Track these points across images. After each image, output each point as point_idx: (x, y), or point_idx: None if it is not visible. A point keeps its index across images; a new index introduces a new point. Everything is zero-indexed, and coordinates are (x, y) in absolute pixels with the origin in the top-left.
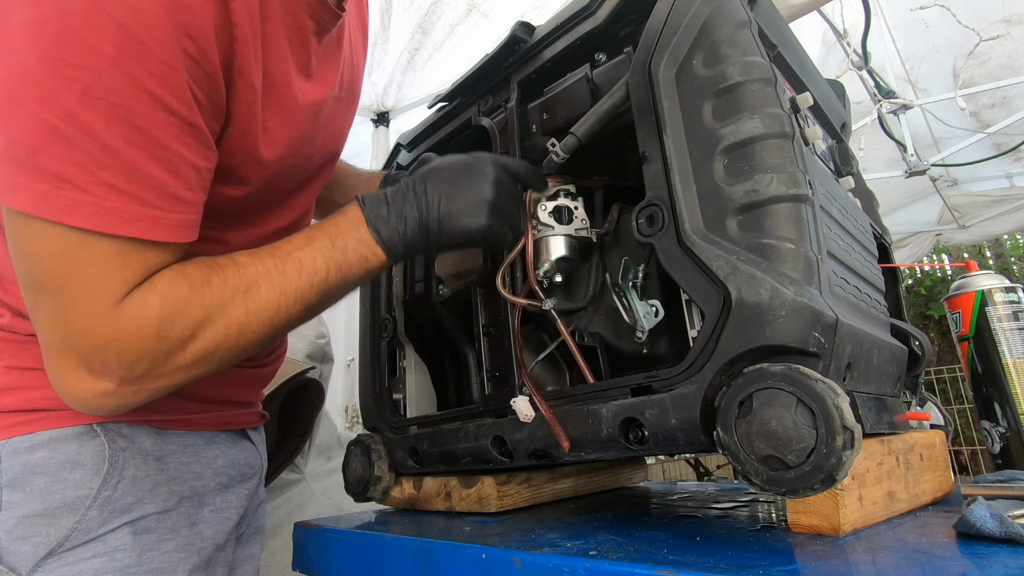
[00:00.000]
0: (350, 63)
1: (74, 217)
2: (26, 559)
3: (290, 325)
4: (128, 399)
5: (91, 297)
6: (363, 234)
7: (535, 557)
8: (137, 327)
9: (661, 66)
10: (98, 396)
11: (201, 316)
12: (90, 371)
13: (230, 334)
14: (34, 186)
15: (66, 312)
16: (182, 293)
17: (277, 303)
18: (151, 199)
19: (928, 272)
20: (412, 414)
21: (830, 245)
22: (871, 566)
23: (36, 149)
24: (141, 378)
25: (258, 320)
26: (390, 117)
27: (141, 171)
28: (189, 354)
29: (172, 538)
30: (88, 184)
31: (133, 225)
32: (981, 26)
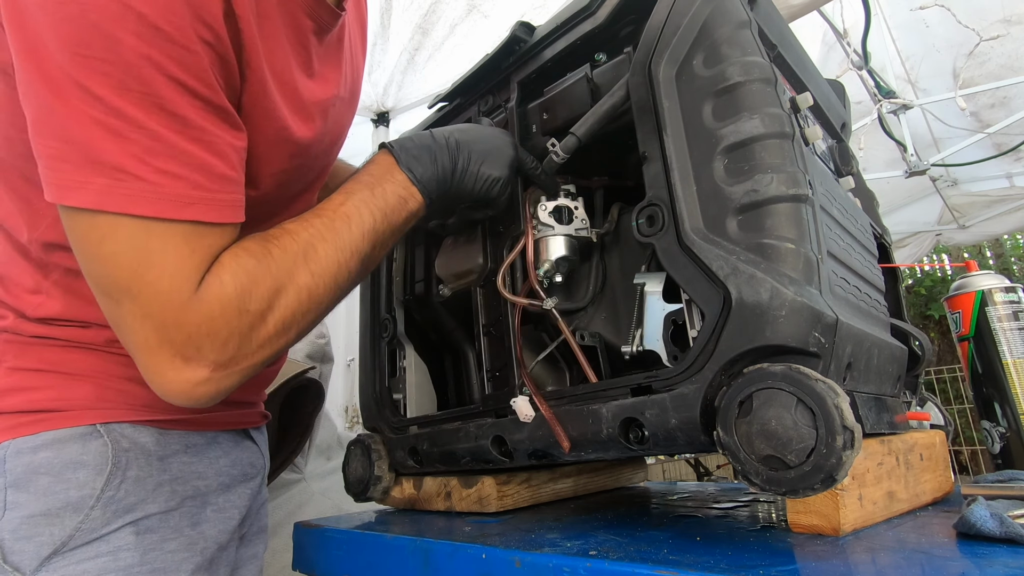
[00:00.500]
0: (351, 63)
1: (139, 206)
2: (30, 559)
3: (352, 281)
4: (225, 383)
5: (172, 287)
6: (398, 176)
7: (535, 557)
8: (221, 307)
9: (661, 66)
10: (197, 385)
11: (273, 285)
12: (185, 360)
13: (301, 299)
14: (95, 181)
15: (151, 307)
16: (250, 265)
17: (336, 260)
18: (203, 182)
19: (928, 272)
20: (412, 414)
21: (830, 245)
22: (871, 566)
23: (89, 145)
24: (232, 359)
25: (323, 281)
26: (390, 117)
27: (190, 155)
28: (271, 326)
29: (175, 538)
30: (145, 173)
31: (193, 208)
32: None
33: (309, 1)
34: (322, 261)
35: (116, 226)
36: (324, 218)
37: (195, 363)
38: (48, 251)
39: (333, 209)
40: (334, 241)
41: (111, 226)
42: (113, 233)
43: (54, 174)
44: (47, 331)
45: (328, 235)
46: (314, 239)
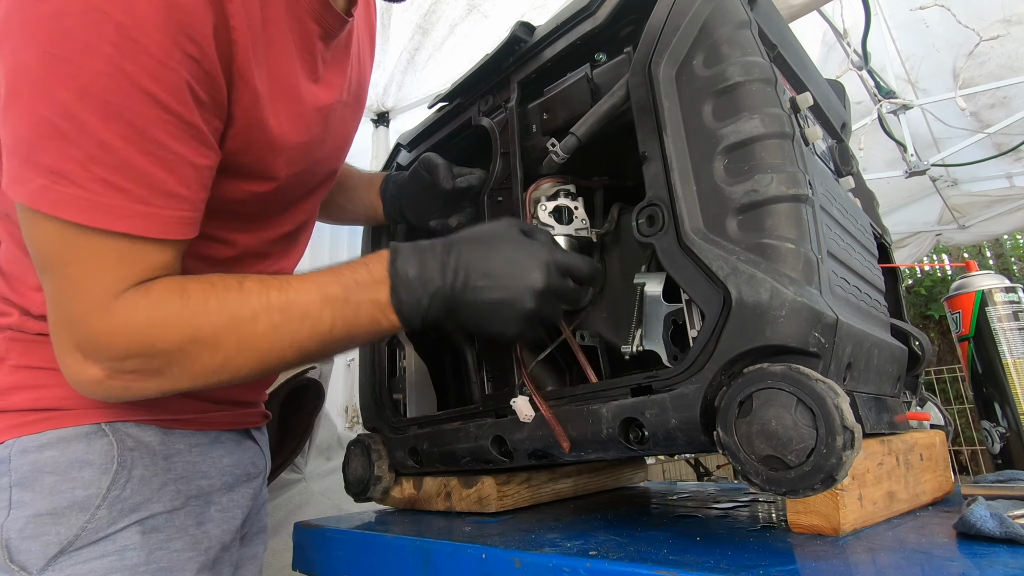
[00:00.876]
0: (357, 69)
1: (69, 211)
2: (36, 558)
3: (283, 366)
4: (116, 392)
5: (88, 288)
6: (382, 297)
7: (535, 557)
8: (124, 327)
9: (661, 66)
10: (88, 381)
11: (190, 333)
12: (83, 355)
13: (215, 360)
14: (34, 180)
15: (65, 297)
16: (173, 306)
17: (271, 343)
18: (145, 196)
19: (928, 272)
20: (412, 414)
21: (830, 245)
22: (871, 566)
23: (35, 144)
24: (128, 375)
25: (247, 355)
26: (390, 117)
27: (136, 168)
28: (175, 368)
29: (180, 537)
30: (83, 180)
31: (127, 221)
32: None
33: (316, 7)
34: (257, 336)
35: (47, 224)
36: (285, 296)
37: (91, 361)
38: None
39: (297, 291)
40: (279, 325)
41: (44, 223)
42: (44, 228)
43: (6, 164)
44: None
45: (276, 316)
46: (260, 312)
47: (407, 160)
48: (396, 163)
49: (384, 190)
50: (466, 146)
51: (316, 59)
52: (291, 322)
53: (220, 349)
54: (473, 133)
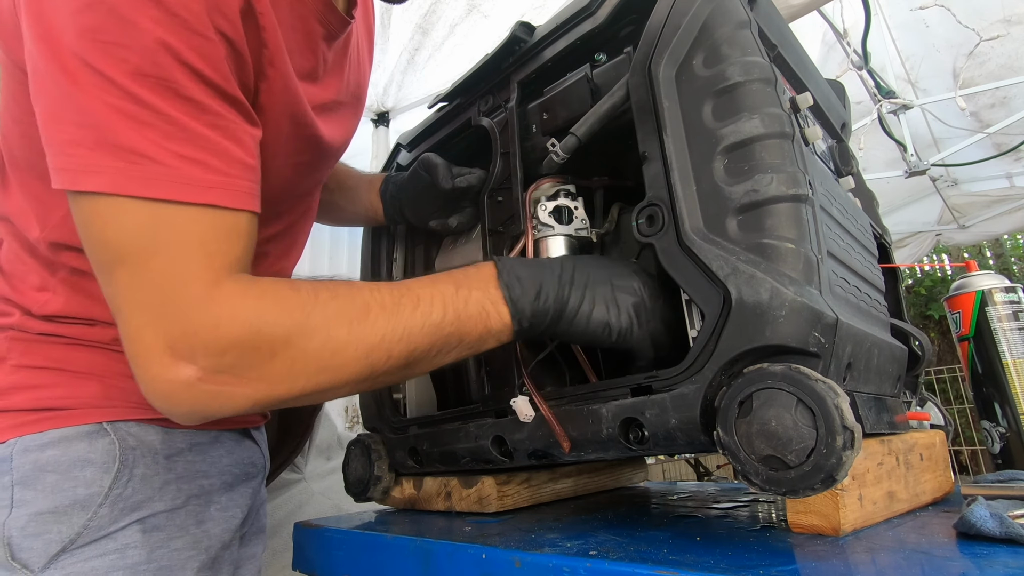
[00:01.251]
0: (356, 70)
1: (155, 189)
2: (39, 556)
3: (387, 369)
4: (203, 400)
5: (181, 277)
6: (491, 290)
7: (535, 557)
8: (231, 316)
9: (661, 66)
10: (177, 386)
11: (300, 321)
12: (174, 355)
13: (323, 353)
14: (110, 164)
15: (154, 288)
16: (283, 293)
17: (381, 334)
18: (222, 167)
19: (928, 272)
20: (412, 414)
21: (830, 245)
22: (871, 566)
23: (105, 129)
24: (224, 373)
25: (355, 347)
26: (390, 117)
27: (207, 139)
28: (277, 363)
29: (181, 536)
30: (162, 157)
31: (212, 192)
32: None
33: (320, 7)
34: (367, 329)
35: (130, 208)
36: (395, 290)
37: (184, 363)
38: (55, 251)
39: (408, 287)
40: (393, 314)
41: (125, 208)
42: (125, 214)
43: (66, 159)
44: (53, 328)
45: (389, 302)
46: (372, 303)
47: (407, 160)
48: (396, 163)
49: (384, 191)
50: (466, 146)
51: (318, 59)
52: (402, 309)
53: (329, 340)
54: (473, 133)
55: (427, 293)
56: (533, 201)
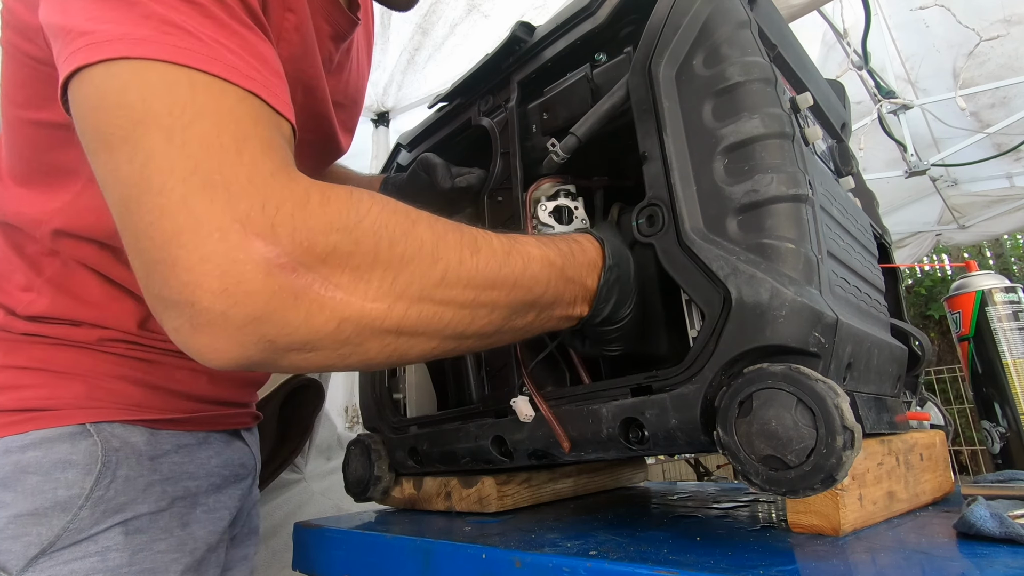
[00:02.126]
0: (356, 72)
1: (193, 59)
2: (17, 559)
3: (484, 325)
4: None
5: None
6: (590, 283)
7: (535, 557)
8: (323, 195)
9: (661, 66)
10: (252, 270)
11: (405, 223)
12: (247, 228)
13: (433, 274)
14: (138, 31)
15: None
16: (380, 198)
17: (491, 278)
18: (260, 68)
19: (928, 272)
20: (412, 414)
21: (830, 245)
22: (871, 566)
23: (135, 4)
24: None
25: (465, 280)
26: (390, 117)
27: (243, 38)
28: (380, 267)
29: (164, 538)
30: (200, 33)
31: (254, 83)
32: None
33: (328, 7)
34: (481, 265)
35: (157, 73)
36: (505, 239)
37: (262, 241)
38: (56, 239)
39: (518, 240)
40: (502, 264)
41: (149, 72)
42: (151, 77)
43: (80, 38)
44: (37, 329)
45: (499, 251)
46: (481, 240)
47: (407, 160)
48: (396, 163)
49: (383, 192)
50: (466, 146)
51: (324, 58)
52: (513, 266)
53: (439, 260)
54: (473, 133)
55: (538, 257)
56: (533, 201)
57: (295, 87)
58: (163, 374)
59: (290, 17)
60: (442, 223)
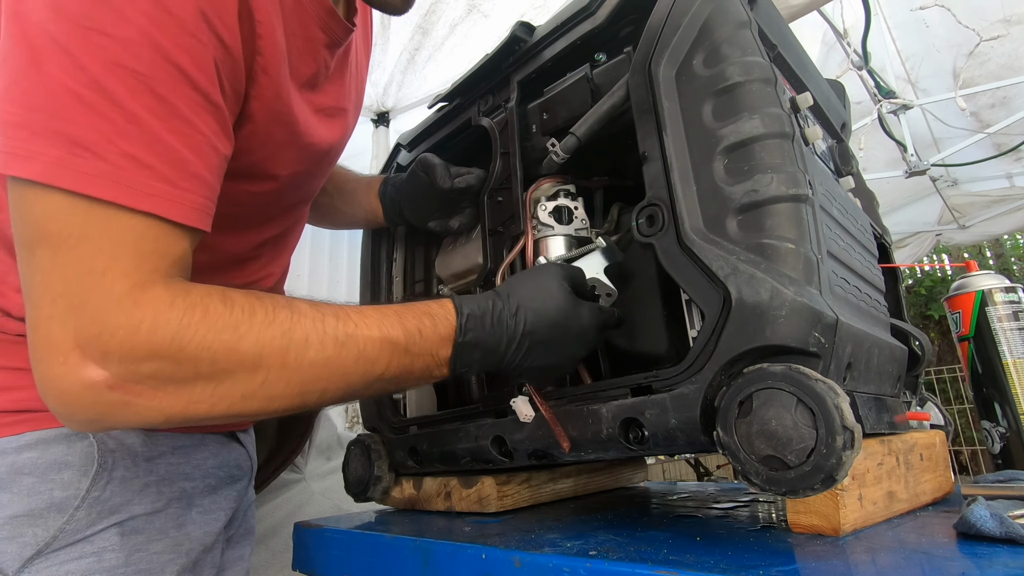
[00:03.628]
0: (356, 76)
1: (90, 186)
2: (12, 559)
3: (319, 403)
4: (109, 409)
5: (107, 275)
6: (443, 354)
7: (535, 557)
8: (155, 320)
9: (661, 66)
10: (81, 388)
11: (230, 343)
12: (85, 355)
13: (251, 382)
14: (49, 152)
15: (73, 281)
16: (215, 309)
17: (318, 375)
18: (172, 175)
19: (928, 272)
20: (412, 414)
21: (830, 245)
22: (871, 566)
23: (55, 114)
24: (139, 386)
25: (287, 382)
26: (390, 117)
27: (164, 144)
28: (200, 384)
29: (160, 539)
30: (108, 153)
31: (152, 200)
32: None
33: (323, 14)
34: (304, 367)
35: (57, 200)
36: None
37: (93, 364)
38: None
39: (356, 325)
40: (334, 359)
41: (51, 199)
42: (53, 204)
43: (7, 141)
44: None
45: (331, 349)
46: (313, 339)
47: (407, 160)
48: (396, 163)
49: (383, 193)
50: (466, 146)
51: (318, 66)
52: (345, 358)
53: (260, 369)
54: (473, 133)
55: (374, 345)
56: (533, 201)
57: (273, 127)
58: None
59: (258, 60)
60: (274, 326)
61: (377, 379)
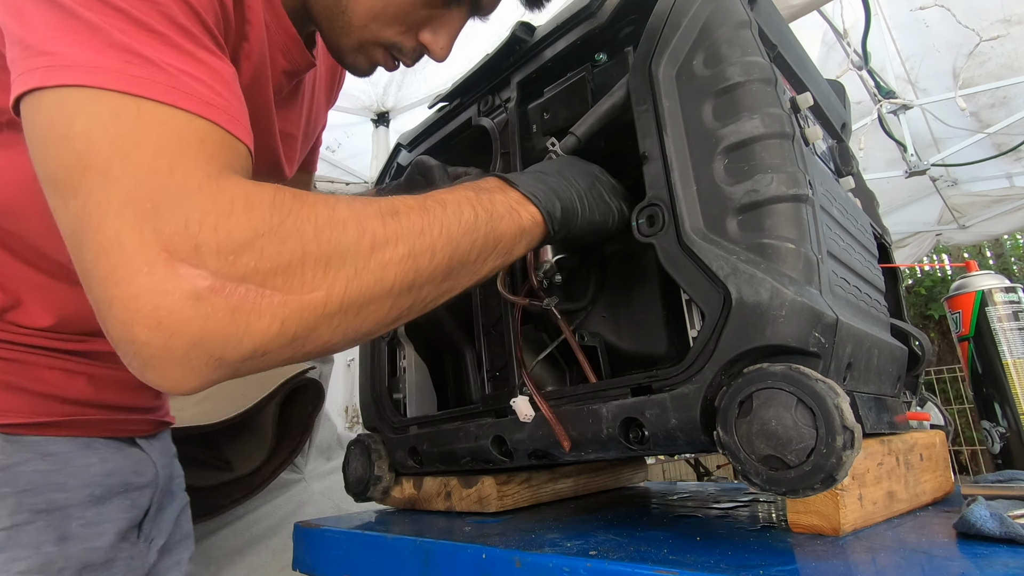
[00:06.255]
0: (308, 106)
1: (147, 89)
2: None
3: (431, 274)
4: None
5: (172, 169)
6: (511, 192)
7: (535, 557)
8: (246, 200)
9: (661, 66)
10: (183, 302)
11: (327, 213)
12: (172, 256)
13: (361, 248)
14: (95, 59)
15: (139, 180)
16: (300, 192)
17: (420, 227)
18: (221, 90)
19: (928, 272)
20: (412, 414)
21: (830, 245)
22: (871, 566)
23: (95, 27)
24: (243, 280)
25: (395, 243)
26: (390, 117)
27: (207, 65)
28: (310, 262)
29: (26, 557)
30: (162, 62)
31: (213, 110)
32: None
33: (287, 41)
34: (403, 222)
35: (107, 103)
36: (411, 196)
37: (188, 266)
38: None
39: (423, 195)
40: (423, 212)
41: (98, 103)
42: (99, 109)
43: (36, 59)
44: None
45: (416, 208)
46: (398, 203)
47: (407, 160)
48: (396, 163)
49: None
50: (466, 146)
51: (276, 88)
52: (432, 209)
53: (365, 232)
54: (473, 133)
55: (451, 196)
56: None
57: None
58: (29, 374)
59: (244, 45)
60: (359, 200)
61: (473, 228)
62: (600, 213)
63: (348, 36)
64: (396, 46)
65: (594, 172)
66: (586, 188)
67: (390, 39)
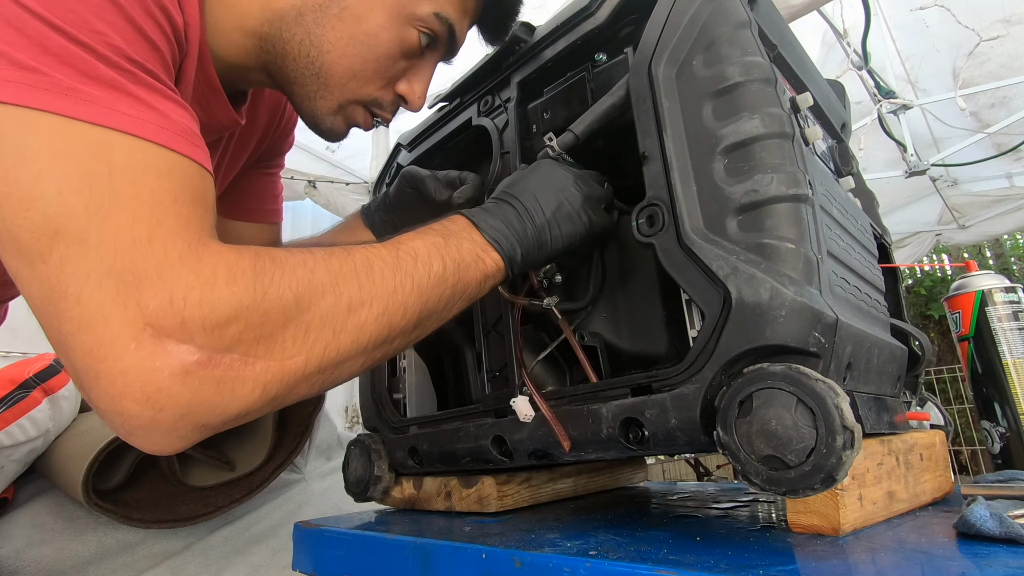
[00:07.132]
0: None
1: (107, 117)
2: None
3: (404, 326)
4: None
5: (157, 230)
6: (476, 237)
7: (535, 557)
8: (228, 272)
9: (661, 66)
10: (171, 378)
11: (306, 278)
12: (158, 333)
13: (338, 312)
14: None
15: (118, 250)
16: (276, 253)
17: (393, 286)
18: (178, 119)
19: (928, 272)
20: (412, 414)
21: (830, 245)
22: (871, 566)
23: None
24: (228, 351)
25: (370, 304)
26: None
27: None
28: (290, 330)
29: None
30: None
31: (174, 140)
32: (981, 26)
33: (207, 92)
34: (376, 280)
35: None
36: (386, 247)
37: (175, 343)
38: None
39: (398, 240)
40: (396, 267)
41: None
42: (59, 148)
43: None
44: None
45: (389, 261)
46: (372, 258)
47: (407, 160)
48: (396, 163)
49: (370, 220)
50: (466, 146)
51: None
52: (405, 266)
53: (342, 296)
54: (473, 133)
55: (422, 246)
56: None
57: None
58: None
59: (186, 62)
60: (335, 257)
61: (441, 278)
62: (565, 238)
63: (325, 98)
64: (376, 101)
65: (568, 185)
66: (551, 214)
67: (370, 95)
